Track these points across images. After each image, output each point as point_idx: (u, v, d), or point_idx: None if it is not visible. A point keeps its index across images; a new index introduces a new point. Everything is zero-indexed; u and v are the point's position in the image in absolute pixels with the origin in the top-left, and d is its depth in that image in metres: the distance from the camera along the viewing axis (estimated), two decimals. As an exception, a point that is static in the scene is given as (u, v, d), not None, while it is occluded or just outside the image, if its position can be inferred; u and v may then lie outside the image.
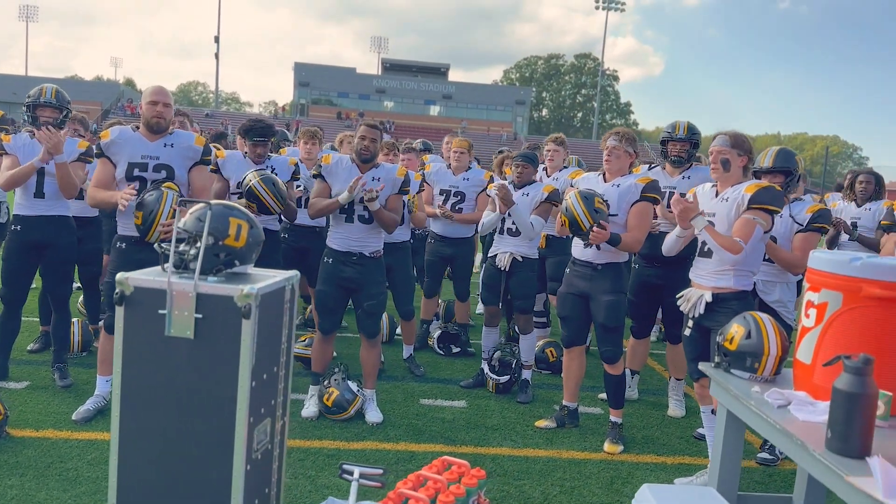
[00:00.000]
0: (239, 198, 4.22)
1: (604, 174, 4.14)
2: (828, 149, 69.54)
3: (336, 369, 4.29)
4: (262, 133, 4.50)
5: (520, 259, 4.78)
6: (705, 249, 3.44)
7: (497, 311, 5.07)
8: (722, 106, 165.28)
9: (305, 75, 64.32)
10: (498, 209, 4.66)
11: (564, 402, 4.40)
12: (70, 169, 4.03)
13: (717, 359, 2.82)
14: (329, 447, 3.80)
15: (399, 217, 4.17)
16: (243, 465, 2.33)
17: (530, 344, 4.94)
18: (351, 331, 6.20)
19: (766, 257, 3.70)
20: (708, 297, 3.38)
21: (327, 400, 4.13)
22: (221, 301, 2.25)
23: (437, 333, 5.83)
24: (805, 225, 3.76)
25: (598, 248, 3.98)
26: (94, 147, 4.05)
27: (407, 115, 61.11)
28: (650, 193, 3.92)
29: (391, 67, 68.92)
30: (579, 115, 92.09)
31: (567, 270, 4.22)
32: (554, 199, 4.69)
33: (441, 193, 5.52)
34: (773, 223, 3.39)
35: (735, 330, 2.76)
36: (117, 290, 2.25)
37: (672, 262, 4.11)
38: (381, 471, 2.80)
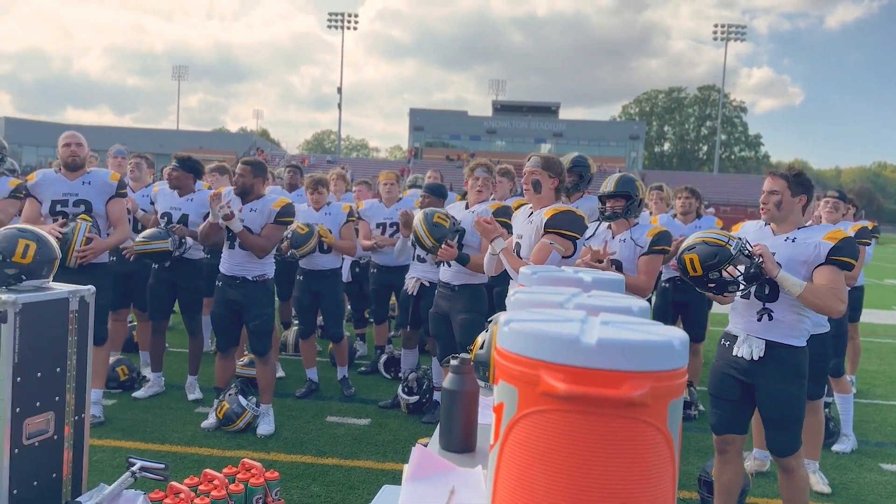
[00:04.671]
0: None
1: (467, 203, 4.32)
2: None
3: (232, 385, 4.67)
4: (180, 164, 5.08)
5: (427, 284, 4.98)
6: None
7: (412, 333, 5.27)
8: (869, 134, 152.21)
9: (420, 120, 66.99)
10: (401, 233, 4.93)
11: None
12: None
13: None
14: (200, 453, 4.17)
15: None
16: (8, 449, 2.76)
17: (440, 367, 5.07)
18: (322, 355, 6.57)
19: None
20: None
21: (219, 413, 4.51)
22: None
23: (383, 358, 6.07)
24: (647, 248, 3.71)
25: (449, 265, 4.13)
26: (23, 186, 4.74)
27: (518, 154, 61.67)
28: (500, 219, 4.02)
29: (502, 108, 70.16)
30: (704, 148, 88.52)
31: (437, 292, 4.39)
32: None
33: (378, 227, 5.81)
34: (574, 248, 3.36)
35: (480, 338, 2.84)
36: None
37: None
38: (163, 465, 3.12)
